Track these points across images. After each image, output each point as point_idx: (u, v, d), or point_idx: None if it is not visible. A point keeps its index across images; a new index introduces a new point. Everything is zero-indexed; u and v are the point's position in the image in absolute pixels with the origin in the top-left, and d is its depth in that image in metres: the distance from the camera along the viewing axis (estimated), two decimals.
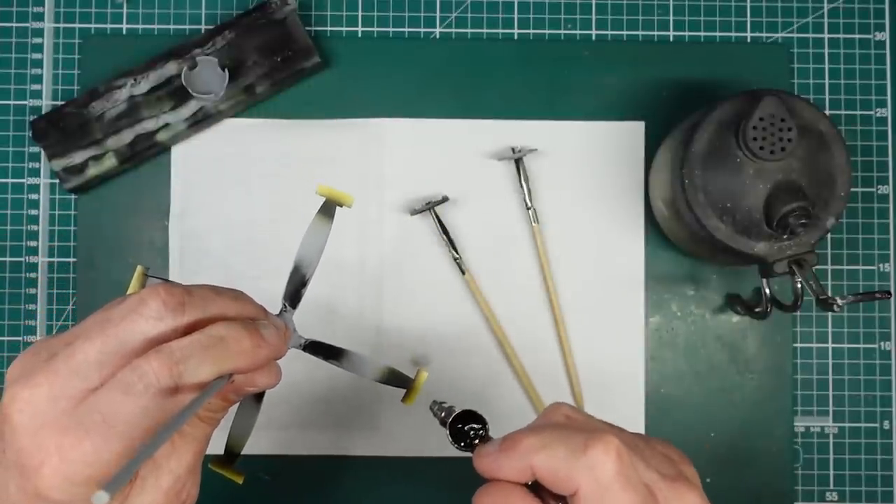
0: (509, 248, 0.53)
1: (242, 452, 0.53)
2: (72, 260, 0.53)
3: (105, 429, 0.30)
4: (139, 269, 0.39)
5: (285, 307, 0.39)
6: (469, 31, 0.55)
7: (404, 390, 0.41)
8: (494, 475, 0.32)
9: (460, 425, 0.36)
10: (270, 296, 0.53)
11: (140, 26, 0.54)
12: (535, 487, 0.32)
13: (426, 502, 0.53)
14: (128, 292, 0.38)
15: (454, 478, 0.53)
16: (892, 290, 0.54)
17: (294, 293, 0.39)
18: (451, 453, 0.52)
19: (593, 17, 0.55)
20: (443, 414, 0.36)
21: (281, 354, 0.35)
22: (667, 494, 0.31)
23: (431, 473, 0.53)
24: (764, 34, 0.55)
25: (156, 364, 0.30)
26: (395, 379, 0.41)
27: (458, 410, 0.36)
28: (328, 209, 0.39)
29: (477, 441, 0.35)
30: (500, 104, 0.54)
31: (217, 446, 0.41)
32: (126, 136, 0.52)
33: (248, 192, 0.53)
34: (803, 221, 0.42)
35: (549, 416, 0.34)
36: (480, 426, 0.35)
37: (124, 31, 0.54)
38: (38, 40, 0.54)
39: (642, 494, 0.30)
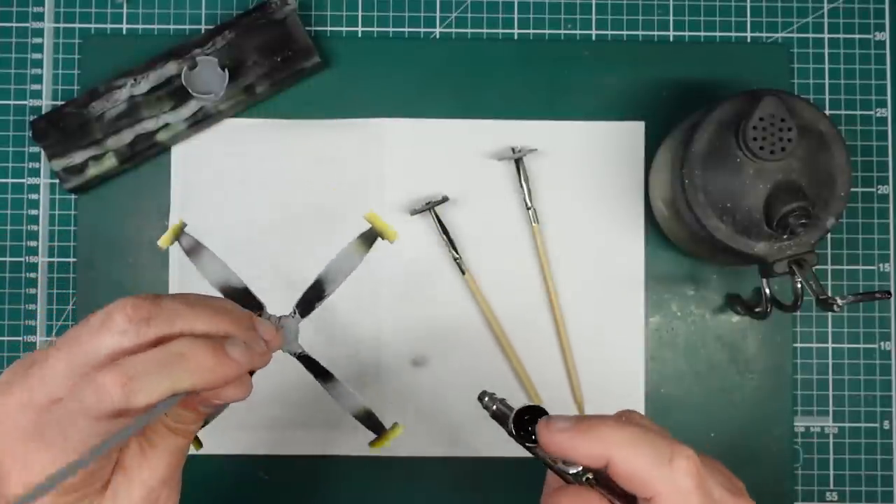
0: (509, 248, 0.53)
1: (243, 452, 0.54)
2: (72, 260, 0.53)
3: (62, 440, 0.30)
4: (179, 221, 0.38)
5: (294, 313, 0.38)
6: (469, 31, 0.55)
7: (378, 432, 0.41)
8: (564, 452, 0.32)
9: (526, 417, 0.34)
10: (270, 296, 0.53)
11: (140, 26, 0.54)
12: (586, 481, 0.33)
13: (426, 502, 0.53)
14: (159, 243, 0.38)
15: (454, 478, 0.53)
16: (892, 290, 0.54)
17: (307, 304, 0.38)
18: (452, 453, 0.53)
19: (593, 17, 0.55)
20: (494, 406, 0.35)
21: (253, 367, 0.34)
22: None
23: (431, 473, 0.53)
24: (764, 34, 0.55)
25: (109, 377, 0.29)
26: (370, 422, 0.40)
27: (518, 406, 0.34)
28: (369, 237, 0.39)
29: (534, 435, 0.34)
30: (500, 104, 0.54)
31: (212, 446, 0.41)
32: (126, 136, 0.52)
33: (248, 192, 0.53)
34: (803, 221, 0.42)
35: (626, 416, 0.35)
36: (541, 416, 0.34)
37: (124, 31, 0.54)
38: (38, 40, 0.54)
39: None
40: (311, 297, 0.38)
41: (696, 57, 0.54)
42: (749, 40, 0.55)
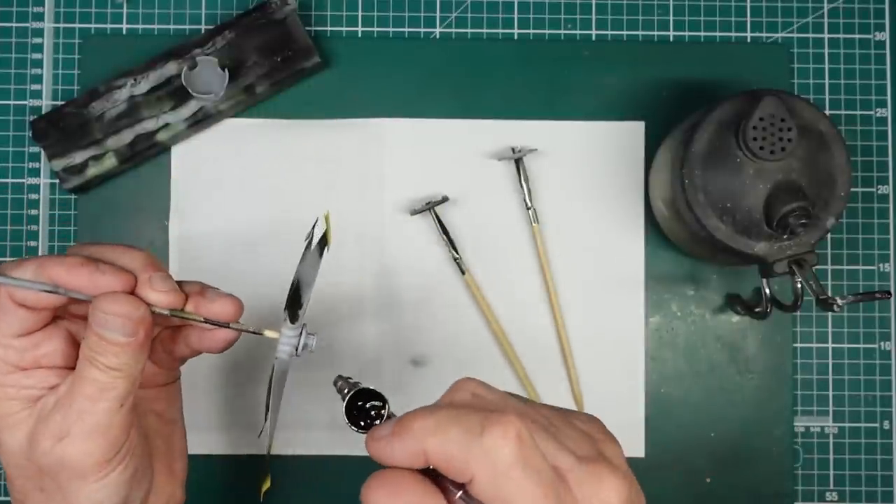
0: (509, 248, 0.53)
1: (243, 452, 0.53)
2: None
3: None
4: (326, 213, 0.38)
5: (301, 331, 0.36)
6: (469, 31, 0.55)
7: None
8: (387, 461, 0.30)
9: (361, 403, 0.32)
10: (270, 295, 0.53)
11: (140, 26, 0.54)
12: (436, 472, 0.29)
13: None
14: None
15: None
16: (892, 290, 0.54)
17: (293, 313, 0.36)
18: None
19: (593, 17, 0.55)
20: (346, 390, 0.33)
21: (113, 286, 0.33)
22: (580, 478, 0.28)
23: None
24: (764, 34, 0.55)
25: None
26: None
27: (358, 388, 0.32)
28: (322, 243, 0.37)
29: (378, 423, 0.32)
30: (500, 104, 0.54)
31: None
32: (126, 136, 0.52)
33: (248, 192, 0.53)
34: (803, 221, 0.42)
35: (452, 393, 0.31)
36: (381, 404, 0.32)
37: (124, 31, 0.54)
38: (38, 40, 0.54)
39: (548, 481, 0.28)
40: (295, 305, 0.36)
41: (696, 57, 0.54)
42: (749, 40, 0.55)
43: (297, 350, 0.36)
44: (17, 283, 0.32)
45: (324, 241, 0.37)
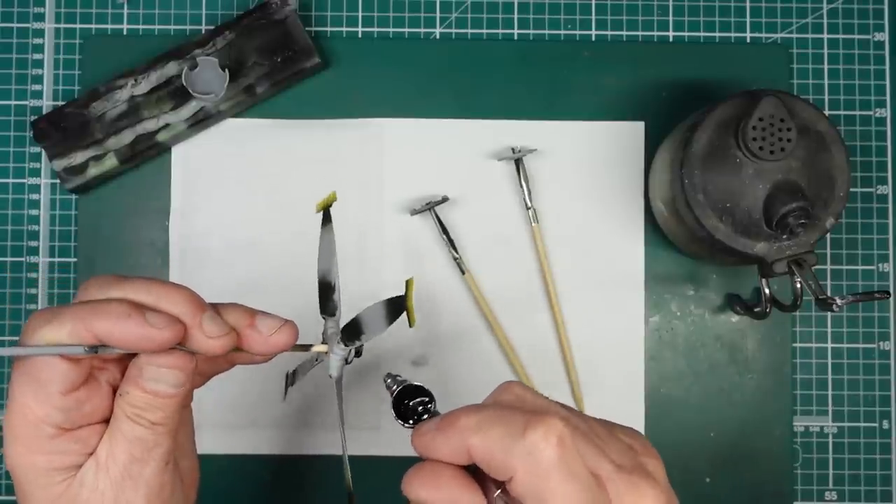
0: (509, 248, 0.53)
1: (243, 452, 0.54)
2: (72, 260, 0.53)
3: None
4: (333, 193, 0.37)
5: (351, 350, 0.36)
6: (469, 31, 0.55)
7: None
8: (430, 455, 0.30)
9: (407, 401, 0.33)
10: (270, 294, 0.53)
11: (140, 27, 0.55)
12: (477, 469, 0.30)
13: None
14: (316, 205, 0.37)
15: None
16: (891, 290, 0.54)
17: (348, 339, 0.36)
18: None
19: (593, 17, 0.55)
20: (395, 387, 0.34)
21: (170, 341, 0.31)
22: (619, 487, 0.28)
23: None
24: (764, 34, 0.55)
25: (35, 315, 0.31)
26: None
27: (406, 384, 0.33)
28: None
29: (425, 417, 0.33)
30: (500, 104, 0.54)
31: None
32: (126, 137, 0.52)
33: (249, 192, 0.53)
34: (803, 221, 0.42)
35: (497, 395, 0.32)
36: (427, 400, 0.33)
37: (125, 32, 0.54)
38: (38, 41, 0.54)
39: (587, 486, 0.28)
40: (352, 336, 0.36)
41: (695, 57, 0.54)
42: (749, 40, 0.55)
43: (347, 360, 0.36)
44: (53, 351, 0.30)
45: (400, 308, 0.36)
